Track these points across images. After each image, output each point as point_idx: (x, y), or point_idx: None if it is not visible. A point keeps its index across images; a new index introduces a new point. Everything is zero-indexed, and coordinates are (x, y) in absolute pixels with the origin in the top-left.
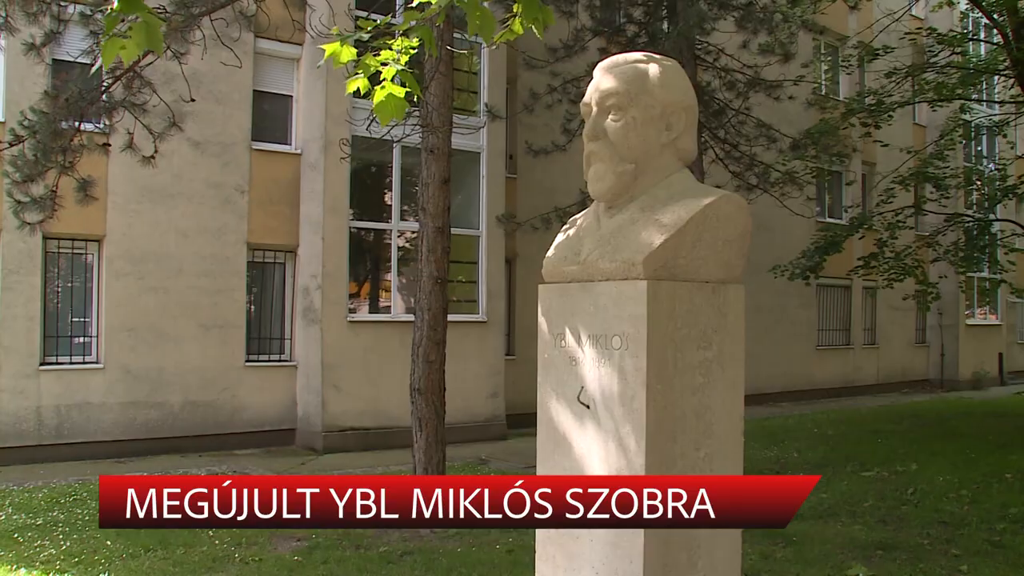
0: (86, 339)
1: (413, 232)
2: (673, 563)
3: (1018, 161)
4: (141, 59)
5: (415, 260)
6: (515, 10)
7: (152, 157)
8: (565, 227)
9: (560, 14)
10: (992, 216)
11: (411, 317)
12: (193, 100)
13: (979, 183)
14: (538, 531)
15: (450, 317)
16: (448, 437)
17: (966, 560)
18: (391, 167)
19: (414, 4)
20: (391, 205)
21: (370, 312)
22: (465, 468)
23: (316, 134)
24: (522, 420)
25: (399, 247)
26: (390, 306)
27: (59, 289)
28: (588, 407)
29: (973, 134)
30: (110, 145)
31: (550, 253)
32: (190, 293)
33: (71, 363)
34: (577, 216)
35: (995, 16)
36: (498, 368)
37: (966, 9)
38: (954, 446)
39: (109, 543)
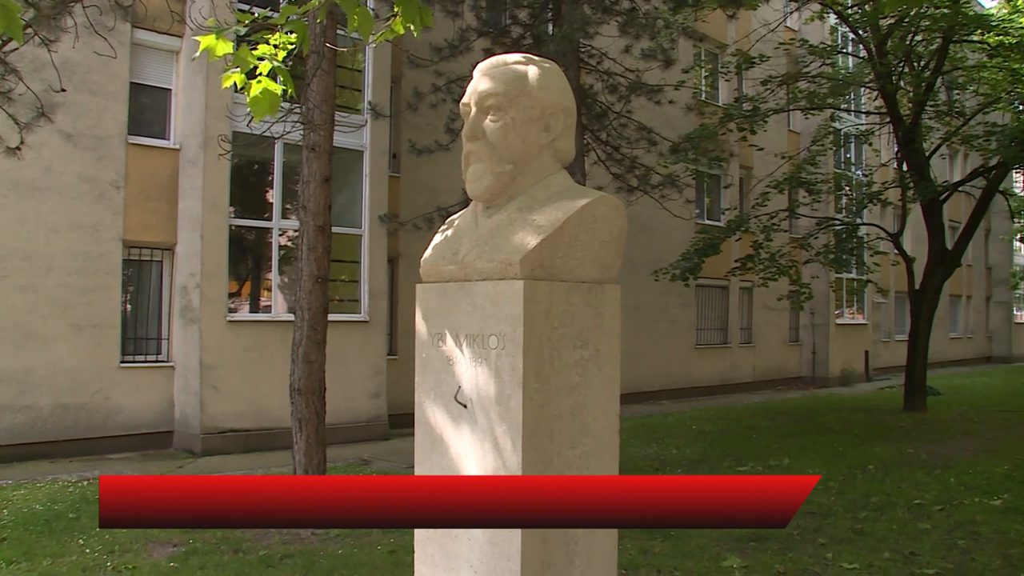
0: None
1: (295, 230)
2: (551, 560)
3: (882, 169)
4: (4, 44)
5: (297, 259)
6: (396, 10)
7: (18, 148)
8: (443, 227)
9: (445, 14)
10: (859, 220)
11: (292, 317)
12: (64, 90)
13: (848, 189)
14: (417, 531)
15: (332, 317)
16: (330, 438)
17: (832, 548)
18: (273, 164)
19: None
20: (272, 203)
21: (250, 311)
22: (347, 469)
23: (195, 129)
24: (405, 420)
25: (281, 245)
26: (271, 305)
27: None
28: (465, 407)
29: (842, 142)
30: None
31: (428, 253)
32: (61, 292)
33: None
34: (455, 216)
35: (860, 32)
36: (380, 368)
37: (836, 23)
38: (823, 440)
39: None
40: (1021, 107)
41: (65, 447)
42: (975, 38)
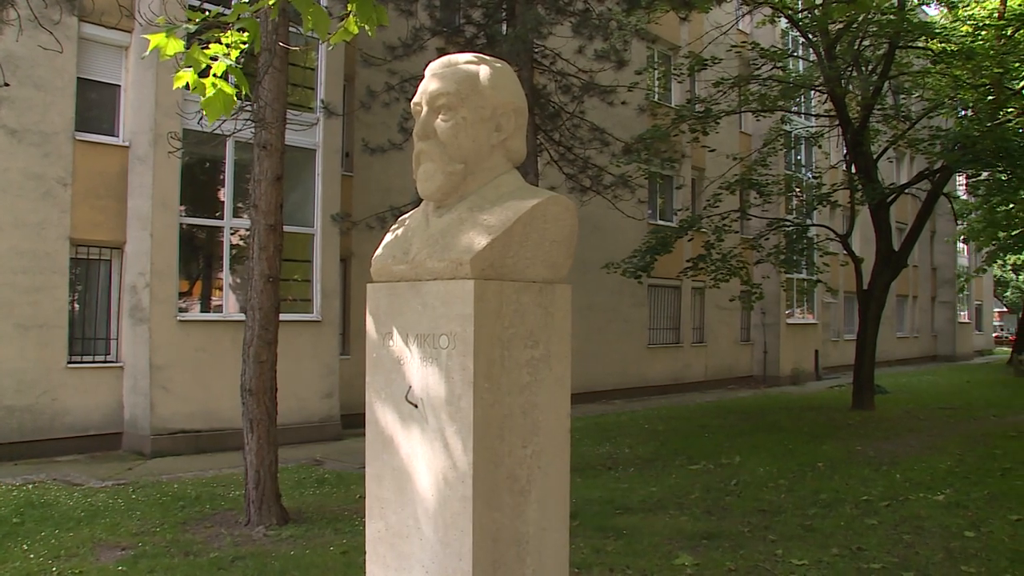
0: None
1: (246, 229)
2: (502, 559)
3: (831, 171)
4: None
5: (248, 258)
6: (350, 9)
7: None
8: (394, 226)
9: (399, 13)
10: (809, 221)
11: (243, 316)
12: (7, 85)
13: (798, 190)
14: (368, 531)
15: (284, 316)
16: (282, 438)
17: (781, 544)
18: (224, 162)
19: None
20: (224, 201)
21: (201, 311)
22: (300, 469)
23: (145, 126)
24: (358, 420)
25: (232, 244)
26: (222, 305)
27: None
28: (416, 407)
29: (793, 144)
30: None
31: (379, 252)
32: (5, 291)
33: None
34: (406, 216)
35: (810, 36)
36: (333, 368)
37: (787, 27)
38: (774, 438)
39: None
40: (963, 112)
41: (10, 450)
42: (920, 44)
